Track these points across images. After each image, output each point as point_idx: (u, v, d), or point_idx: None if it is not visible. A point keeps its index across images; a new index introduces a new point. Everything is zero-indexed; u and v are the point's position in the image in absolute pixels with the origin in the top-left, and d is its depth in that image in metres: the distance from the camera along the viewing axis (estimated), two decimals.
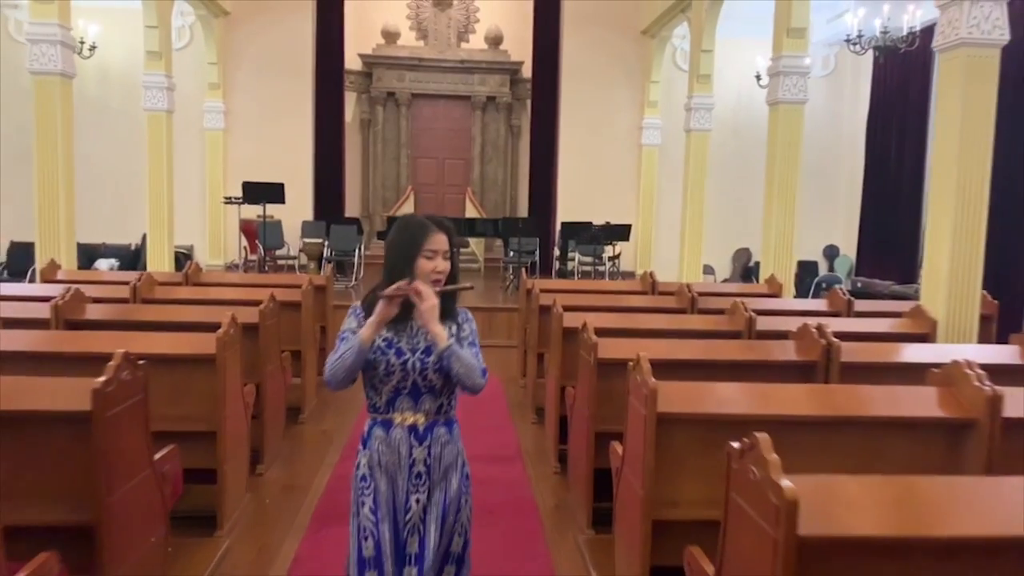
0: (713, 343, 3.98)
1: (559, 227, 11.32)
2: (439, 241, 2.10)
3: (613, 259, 11.19)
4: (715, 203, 11.11)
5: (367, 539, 2.07)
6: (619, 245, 11.11)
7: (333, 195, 12.01)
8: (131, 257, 11.48)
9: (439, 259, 2.10)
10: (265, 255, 10.43)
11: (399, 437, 2.09)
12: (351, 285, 10.25)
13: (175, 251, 9.36)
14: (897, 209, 10.82)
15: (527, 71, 12.95)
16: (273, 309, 4.58)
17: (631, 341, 3.77)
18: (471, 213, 12.87)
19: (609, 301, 5.79)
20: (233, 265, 11.34)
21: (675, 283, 6.27)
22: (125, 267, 10.79)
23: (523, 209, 13.13)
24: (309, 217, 11.54)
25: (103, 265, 10.67)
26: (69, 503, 2.36)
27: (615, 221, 10.71)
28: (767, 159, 7.31)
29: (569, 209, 11.54)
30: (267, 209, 9.93)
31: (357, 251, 10.64)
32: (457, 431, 2.19)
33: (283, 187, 9.86)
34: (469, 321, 2.20)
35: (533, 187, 12.43)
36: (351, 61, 12.79)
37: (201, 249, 11.60)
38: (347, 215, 12.06)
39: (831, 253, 12.66)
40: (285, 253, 11.16)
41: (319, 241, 10.84)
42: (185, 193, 10.54)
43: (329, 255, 10.53)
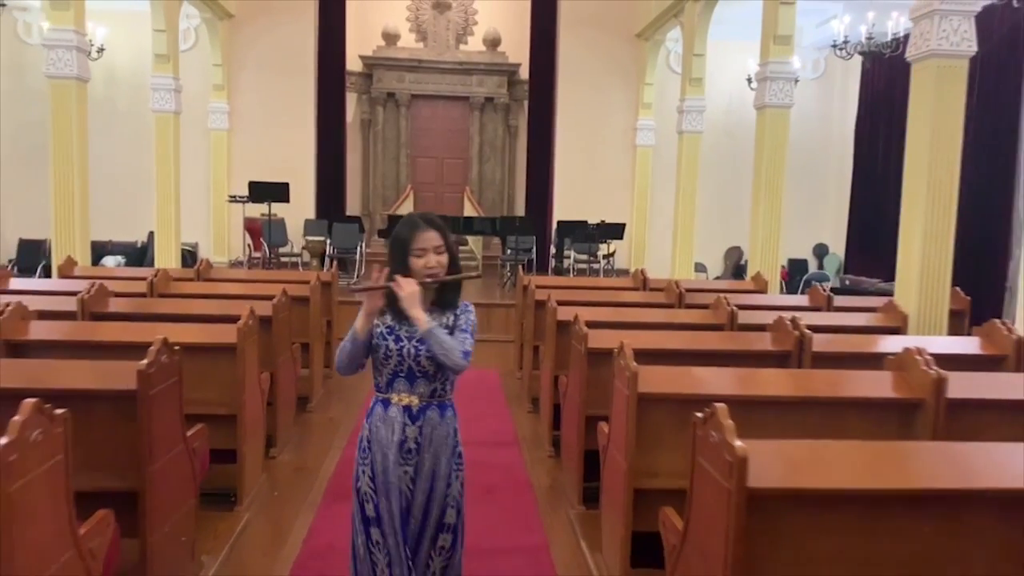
0: (697, 334, 4.29)
1: (555, 226, 11.62)
2: (427, 239, 2.27)
3: (608, 257, 11.50)
4: (708, 203, 11.43)
5: (368, 502, 2.31)
6: (614, 243, 11.40)
7: (335, 194, 12.30)
8: (137, 254, 11.77)
9: (430, 255, 2.27)
10: (269, 252, 10.72)
11: (395, 415, 2.30)
12: (353, 282, 10.54)
13: (181, 248, 9.64)
14: (883, 209, 11.12)
15: (524, 73, 13.22)
16: (285, 303, 4.88)
17: (620, 332, 4.05)
18: (469, 212, 13.15)
19: (601, 297, 6.09)
20: (237, 262, 11.61)
21: (664, 280, 6.56)
22: (131, 264, 11.08)
23: (520, 208, 13.41)
24: (311, 215, 11.82)
25: (110, 262, 10.95)
26: (116, 472, 2.66)
27: (610, 220, 11.02)
28: (755, 161, 7.59)
29: (565, 208, 11.82)
30: (271, 207, 10.22)
31: (358, 248, 10.93)
32: (451, 415, 2.37)
33: (288, 186, 10.16)
34: (467, 312, 2.36)
35: (530, 186, 12.71)
36: (352, 62, 13.05)
37: (205, 247, 11.88)
38: (348, 213, 12.33)
39: (821, 252, 12.98)
40: (288, 250, 11.46)
41: (321, 239, 11.13)
42: (190, 192, 10.79)
43: (331, 252, 10.83)
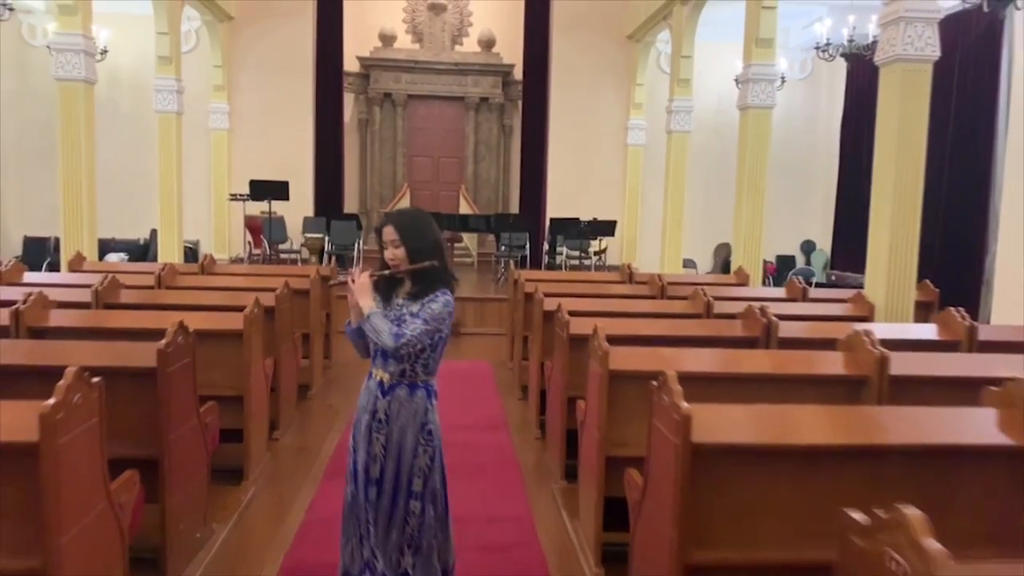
0: (673, 321, 4.59)
1: (548, 223, 11.91)
2: (385, 233, 2.56)
3: (599, 254, 11.79)
4: (698, 200, 11.74)
5: (350, 457, 2.65)
6: (605, 240, 11.70)
7: (333, 192, 12.57)
8: (140, 251, 12.05)
9: (388, 248, 2.54)
10: (269, 249, 11.00)
11: (371, 387, 2.61)
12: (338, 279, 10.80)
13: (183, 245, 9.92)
14: (868, 206, 11.41)
15: (518, 73, 13.49)
16: (287, 294, 5.17)
17: (600, 320, 4.34)
18: (465, 210, 13.44)
19: (588, 289, 6.39)
20: (238, 259, 11.88)
21: (648, 273, 6.85)
22: (134, 260, 11.35)
23: (515, 206, 13.70)
24: (310, 213, 12.09)
25: (113, 259, 11.19)
26: (138, 442, 2.94)
27: (602, 217, 11.30)
28: (738, 160, 7.88)
29: (558, 205, 12.11)
30: (271, 205, 10.50)
31: (356, 245, 11.22)
32: (420, 395, 2.57)
33: (287, 185, 10.44)
34: (433, 302, 2.50)
35: (524, 184, 13.00)
36: (349, 63, 13.32)
37: (206, 244, 12.15)
38: (346, 211, 12.61)
39: (808, 248, 13.28)
40: (288, 247, 11.74)
41: (320, 236, 11.41)
42: (191, 190, 11.05)
43: (330, 249, 11.11)
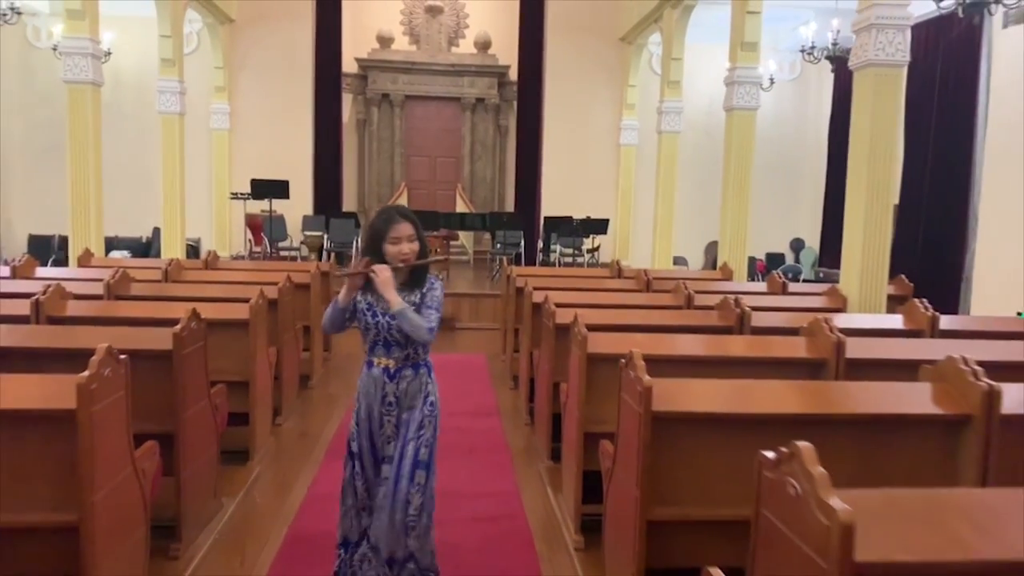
0: (653, 312, 4.87)
1: (543, 221, 12.18)
2: (401, 230, 2.68)
3: (592, 251, 12.06)
4: (690, 199, 12.00)
5: (353, 441, 2.82)
6: (598, 238, 11.97)
7: (331, 191, 12.83)
8: (142, 249, 12.31)
9: (403, 244, 2.68)
10: (270, 247, 11.27)
11: (376, 374, 2.76)
12: (341, 268, 11.07)
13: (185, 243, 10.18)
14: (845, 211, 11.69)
15: (514, 74, 13.76)
16: (290, 287, 5.44)
17: (585, 311, 4.61)
18: (461, 208, 13.70)
19: (577, 284, 6.65)
20: (239, 257, 12.14)
21: (635, 269, 7.13)
22: (136, 258, 11.60)
23: (510, 204, 13.96)
24: (309, 212, 12.36)
25: (116, 256, 11.47)
26: (155, 418, 3.21)
27: (595, 216, 11.58)
28: (724, 160, 8.15)
29: (552, 204, 12.38)
30: (272, 204, 10.76)
31: (354, 243, 11.48)
32: (424, 372, 2.80)
33: (288, 184, 10.71)
34: (433, 289, 2.75)
35: (519, 183, 13.24)
36: (348, 65, 13.57)
37: (207, 242, 12.42)
38: (345, 210, 12.88)
39: (797, 246, 13.57)
40: (288, 245, 12.01)
41: (319, 234, 11.68)
42: (193, 190, 11.30)
43: (328, 247, 11.38)
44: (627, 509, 2.57)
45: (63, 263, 10.05)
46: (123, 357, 2.62)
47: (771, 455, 1.53)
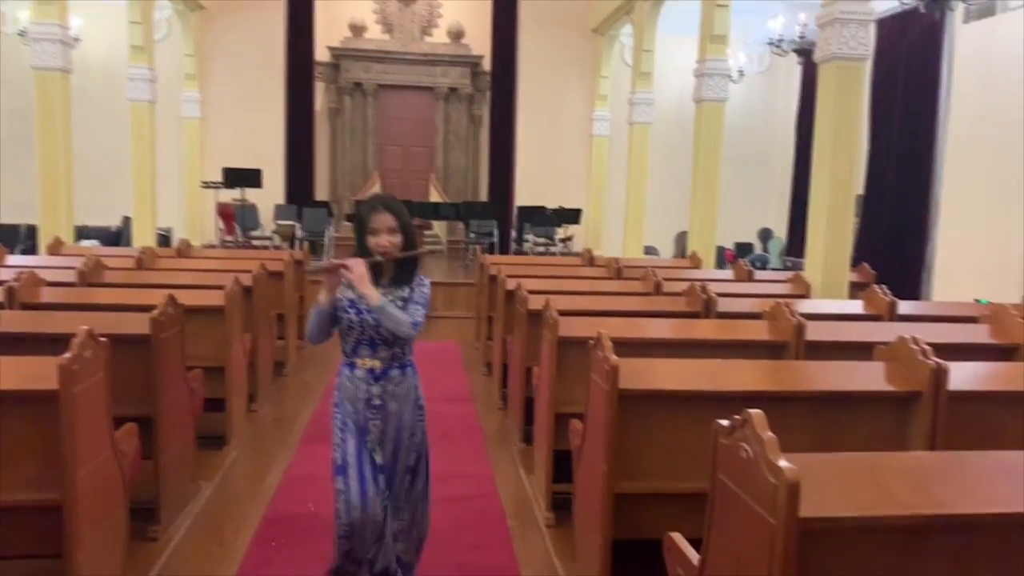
0: (624, 298, 4.98)
1: (516, 211, 12.27)
2: (381, 220, 2.52)
3: (565, 241, 12.18)
4: (660, 190, 12.14)
5: (338, 451, 2.60)
6: (571, 228, 12.10)
7: (304, 180, 12.76)
8: (112, 238, 12.19)
9: (382, 235, 2.52)
10: (242, 236, 11.23)
11: (360, 376, 2.58)
12: (315, 261, 11.08)
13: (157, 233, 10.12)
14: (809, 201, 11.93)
15: (487, 64, 13.80)
16: (264, 275, 5.48)
17: (557, 297, 4.72)
18: (435, 198, 13.73)
19: (550, 272, 6.77)
20: (210, 246, 12.07)
21: (607, 257, 7.25)
22: (107, 247, 11.50)
23: (483, 194, 14.01)
24: (281, 201, 12.30)
25: (86, 245, 11.36)
26: (134, 402, 3.25)
27: (567, 206, 11.70)
28: (693, 150, 8.30)
29: (526, 194, 12.46)
30: (243, 193, 10.73)
31: (327, 232, 11.49)
32: (411, 372, 2.66)
33: (260, 172, 10.68)
34: (421, 286, 2.61)
35: (493, 173, 13.27)
36: (320, 53, 13.49)
37: (179, 231, 12.32)
38: (317, 199, 12.85)
39: (765, 235, 13.79)
40: (260, 234, 11.97)
41: (291, 223, 11.65)
42: (164, 179, 11.21)
43: (301, 236, 11.37)
44: (595, 484, 2.68)
45: (31, 252, 9.94)
46: (103, 340, 2.67)
47: (726, 423, 1.64)
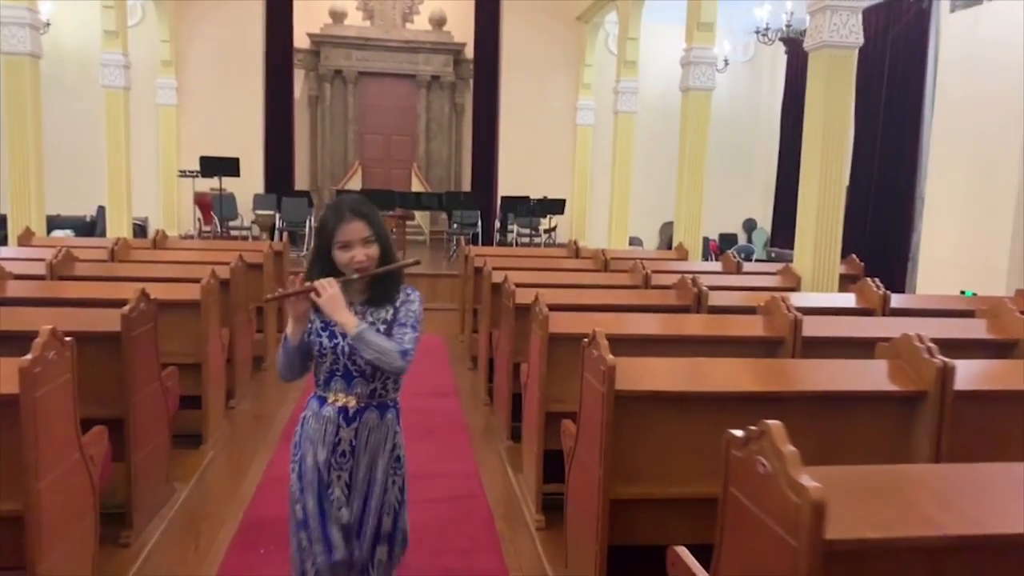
0: (613, 292, 4.87)
1: (500, 201, 12.13)
2: (353, 230, 2.04)
3: (549, 231, 12.06)
4: (645, 181, 12.04)
5: (297, 503, 2.13)
6: (555, 218, 11.97)
7: (283, 169, 12.54)
8: (86, 228, 11.90)
9: (356, 248, 2.05)
10: (220, 226, 11.01)
11: (329, 415, 2.11)
12: (302, 255, 10.89)
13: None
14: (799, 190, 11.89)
15: (470, 52, 13.61)
16: (242, 267, 5.31)
17: (545, 291, 4.59)
18: (417, 188, 13.57)
19: (536, 264, 6.63)
20: (188, 236, 11.84)
21: (593, 249, 7.14)
22: (80, 238, 11.23)
23: (466, 184, 13.86)
24: (260, 190, 12.07)
25: (59, 235, 11.09)
26: (104, 402, 3.10)
27: (552, 196, 11.58)
28: (679, 140, 8.19)
29: (509, 184, 12.33)
30: (221, 182, 10.50)
31: (307, 223, 11.29)
32: (391, 417, 2.19)
33: (238, 161, 10.45)
34: (409, 302, 2.16)
35: (476, 163, 13.14)
36: (299, 40, 13.26)
37: (155, 221, 12.06)
38: (297, 188, 12.62)
39: (750, 226, 13.76)
40: (238, 224, 11.74)
41: (271, 213, 11.43)
42: (139, 167, 10.95)
43: (281, 226, 11.16)
44: (590, 488, 2.57)
45: (2, 243, 9.68)
46: (68, 339, 2.51)
47: (739, 433, 1.53)
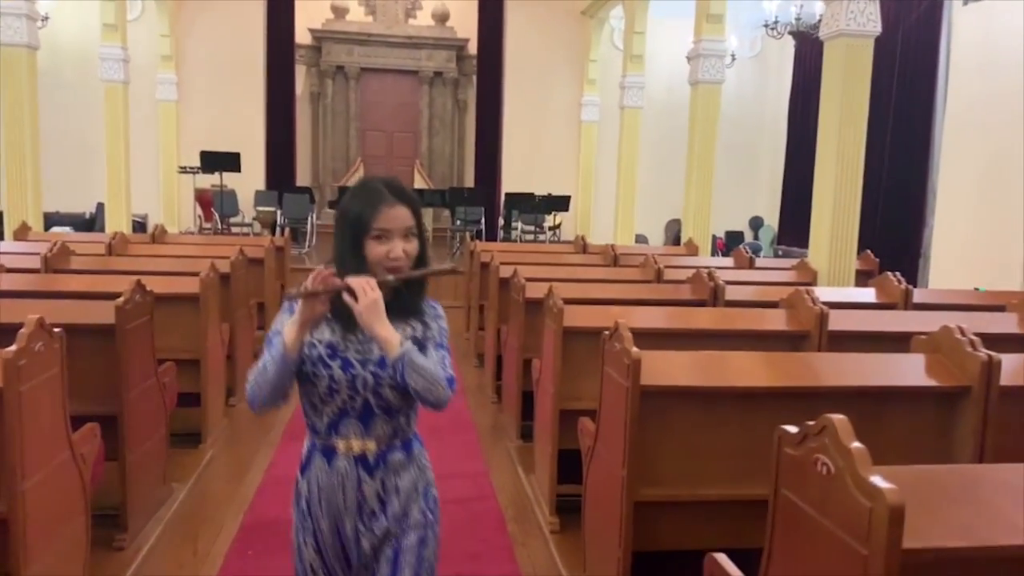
0: (625, 286, 4.72)
1: (503, 197, 11.98)
2: (394, 217, 1.59)
3: (554, 228, 11.91)
4: (651, 177, 11.90)
5: (298, 567, 1.72)
6: (560, 215, 11.82)
7: (285, 165, 12.41)
8: (85, 225, 11.78)
9: (396, 240, 1.59)
10: (220, 223, 10.86)
11: (344, 470, 1.65)
12: (304, 252, 10.76)
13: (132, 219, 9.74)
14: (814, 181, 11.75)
15: (473, 48, 13.46)
16: (242, 261, 5.16)
17: (556, 284, 4.44)
18: (419, 184, 13.39)
19: (543, 259, 6.49)
20: (188, 232, 11.69)
21: (601, 244, 6.99)
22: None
23: (470, 180, 13.70)
24: (262, 187, 11.93)
25: (57, 231, 10.95)
26: (97, 398, 2.95)
27: (556, 192, 11.42)
28: (688, 134, 8.03)
29: (513, 180, 12.18)
30: (222, 178, 10.35)
31: (309, 219, 11.15)
32: (418, 449, 1.77)
33: (239, 156, 10.30)
34: (439, 318, 1.72)
35: (479, 159, 13.00)
36: (301, 35, 13.12)
37: (155, 218, 11.92)
38: (299, 184, 12.48)
39: (756, 224, 13.60)
40: (239, 221, 11.60)
41: (272, 209, 11.28)
42: (139, 163, 10.81)
43: (282, 223, 11.01)
44: (611, 490, 2.42)
45: None
46: (57, 331, 2.36)
47: (793, 429, 1.38)
